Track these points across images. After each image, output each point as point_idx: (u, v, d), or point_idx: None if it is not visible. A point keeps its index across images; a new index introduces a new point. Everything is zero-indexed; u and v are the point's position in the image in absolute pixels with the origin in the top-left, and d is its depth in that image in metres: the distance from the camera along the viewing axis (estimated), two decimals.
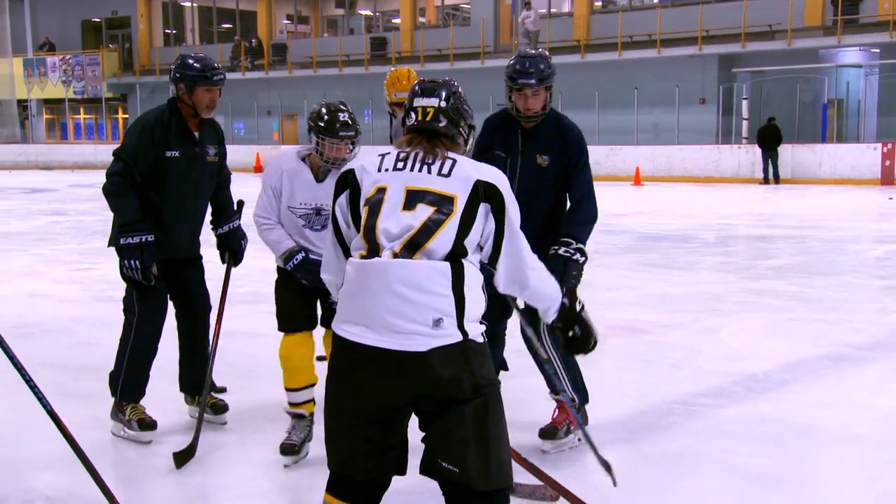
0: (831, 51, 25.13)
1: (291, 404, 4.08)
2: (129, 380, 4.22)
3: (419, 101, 2.64)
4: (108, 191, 4.09)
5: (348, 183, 2.60)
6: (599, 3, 30.50)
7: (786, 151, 22.85)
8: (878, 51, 24.84)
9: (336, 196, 2.63)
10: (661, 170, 24.33)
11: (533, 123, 3.98)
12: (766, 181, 22.69)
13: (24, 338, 6.04)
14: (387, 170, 2.57)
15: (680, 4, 27.61)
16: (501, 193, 2.51)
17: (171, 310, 4.41)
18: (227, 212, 4.51)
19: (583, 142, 4.05)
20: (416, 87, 2.68)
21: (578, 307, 2.77)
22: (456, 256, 2.45)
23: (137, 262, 4.00)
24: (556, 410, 4.15)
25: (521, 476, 3.41)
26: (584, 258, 3.80)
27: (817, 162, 22.92)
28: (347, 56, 33.19)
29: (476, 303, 2.48)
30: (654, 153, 24.91)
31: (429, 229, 2.44)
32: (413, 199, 2.49)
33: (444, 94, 2.64)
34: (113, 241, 4.15)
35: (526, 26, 28.69)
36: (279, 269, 4.11)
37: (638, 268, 9.62)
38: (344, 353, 2.48)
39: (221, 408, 4.45)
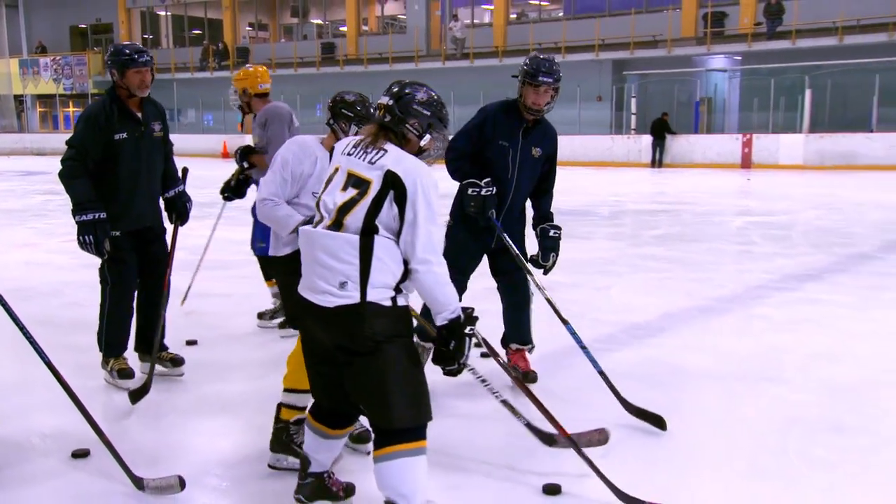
0: (702, 57, 25.49)
1: (296, 408, 3.17)
2: (110, 339, 4.17)
3: (379, 99, 2.64)
4: (62, 174, 3.97)
5: (331, 152, 2.74)
6: (514, 16, 30.44)
7: (667, 141, 23.21)
8: (739, 58, 25.25)
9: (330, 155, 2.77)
10: (564, 156, 24.17)
11: (536, 117, 3.94)
12: (653, 165, 23.04)
13: (23, 300, 5.83)
14: (343, 153, 2.60)
15: (581, 17, 27.71)
16: (405, 185, 2.45)
17: None
18: (173, 178, 4.36)
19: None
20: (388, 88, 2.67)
21: (468, 331, 2.52)
22: (369, 232, 2.44)
23: (91, 237, 3.87)
24: (522, 359, 4.18)
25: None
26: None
27: (691, 150, 23.28)
28: (301, 58, 32.71)
29: (383, 272, 2.44)
30: (559, 142, 24.93)
31: (347, 207, 2.48)
32: (349, 180, 2.52)
33: (393, 93, 2.61)
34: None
35: (454, 34, 28.61)
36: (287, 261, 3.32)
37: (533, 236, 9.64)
38: (298, 303, 2.58)
39: (179, 361, 4.37)
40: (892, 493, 3.03)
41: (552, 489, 2.94)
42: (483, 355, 4.59)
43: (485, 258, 4.18)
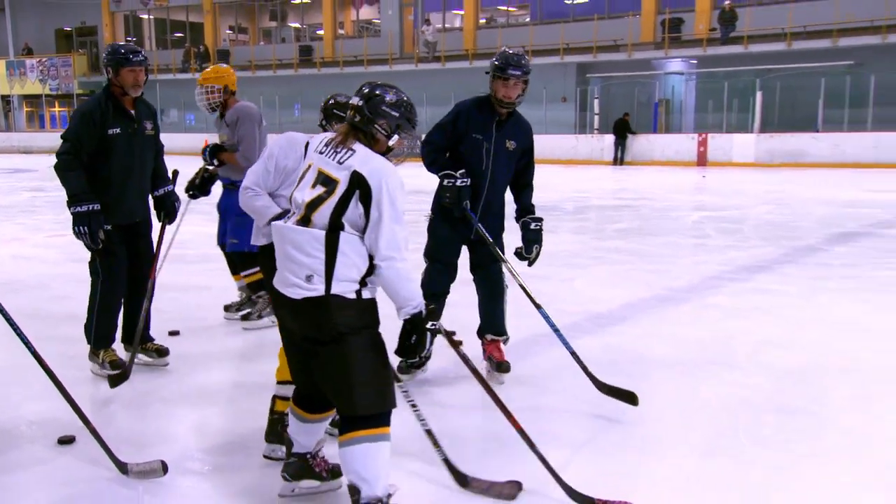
0: (661, 61, 25.61)
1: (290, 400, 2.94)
2: (99, 331, 4.11)
3: (351, 100, 2.63)
4: (57, 167, 3.93)
5: (305, 148, 2.70)
6: (484, 21, 30.40)
7: (628, 140, 23.36)
8: (695, 62, 25.42)
9: (305, 150, 2.70)
10: None
11: (508, 110, 3.90)
12: (615, 163, 23.17)
13: (11, 293, 5.82)
14: (316, 151, 2.59)
15: (547, 22, 27.76)
16: (370, 186, 2.43)
17: None
18: (162, 177, 4.34)
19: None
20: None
21: (429, 325, 2.54)
22: (335, 228, 2.45)
23: (86, 227, 3.84)
24: (497, 350, 4.16)
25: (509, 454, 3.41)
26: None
27: (651, 148, 23.43)
28: (280, 60, 32.44)
29: (348, 266, 2.44)
30: None
31: (315, 204, 2.48)
32: (318, 178, 2.51)
33: (364, 94, 2.59)
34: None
35: (426, 37, 28.52)
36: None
37: (514, 231, 9.68)
38: (273, 295, 2.60)
39: (164, 352, 4.33)
40: (833, 469, 3.08)
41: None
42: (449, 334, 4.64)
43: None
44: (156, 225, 4.32)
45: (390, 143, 2.58)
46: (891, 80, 20.78)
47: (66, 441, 3.26)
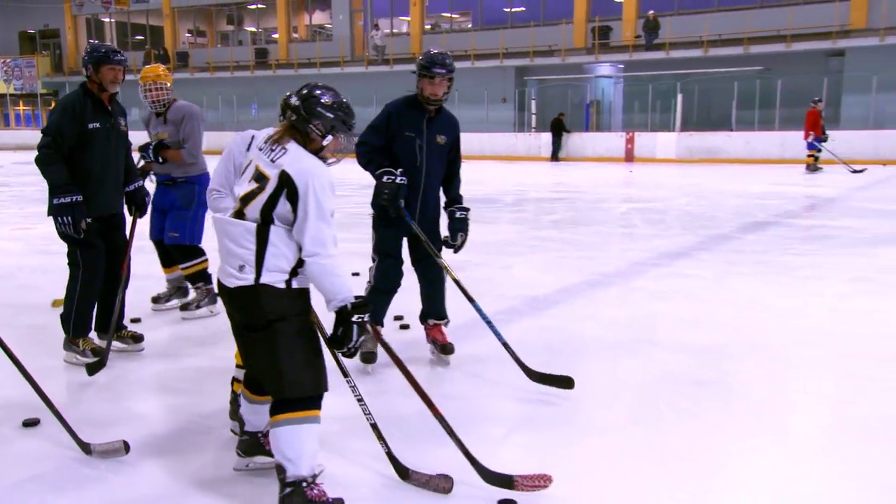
0: (591, 65, 25.87)
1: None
2: (78, 320, 3.99)
3: (290, 98, 2.56)
4: (39, 160, 3.81)
5: (249, 142, 2.61)
6: (429, 26, 30.30)
7: (563, 137, 23.55)
8: (622, 66, 25.75)
9: (249, 145, 2.60)
10: (473, 150, 24.44)
11: (436, 107, 3.83)
12: (552, 159, 23.36)
13: None
14: (257, 147, 2.54)
15: (487, 29, 27.76)
16: (296, 185, 2.38)
17: None
18: (132, 173, 4.24)
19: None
20: None
21: (356, 319, 2.44)
22: (266, 222, 2.42)
23: (69, 217, 3.73)
24: (439, 332, 4.13)
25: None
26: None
27: (583, 146, 23.68)
28: (237, 62, 31.84)
29: (278, 258, 2.41)
30: (468, 138, 24.95)
31: (248, 199, 2.45)
32: (254, 174, 2.48)
33: (302, 94, 2.53)
34: (50, 208, 3.84)
35: (375, 42, 28.32)
36: None
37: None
38: (217, 285, 2.56)
39: (139, 338, 4.25)
40: (742, 434, 3.16)
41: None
42: (402, 327, 4.63)
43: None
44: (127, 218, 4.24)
45: (324, 142, 2.52)
46: (795, 84, 21.39)
47: (31, 423, 3.16)
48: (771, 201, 11.80)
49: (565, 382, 3.56)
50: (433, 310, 4.16)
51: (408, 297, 4.29)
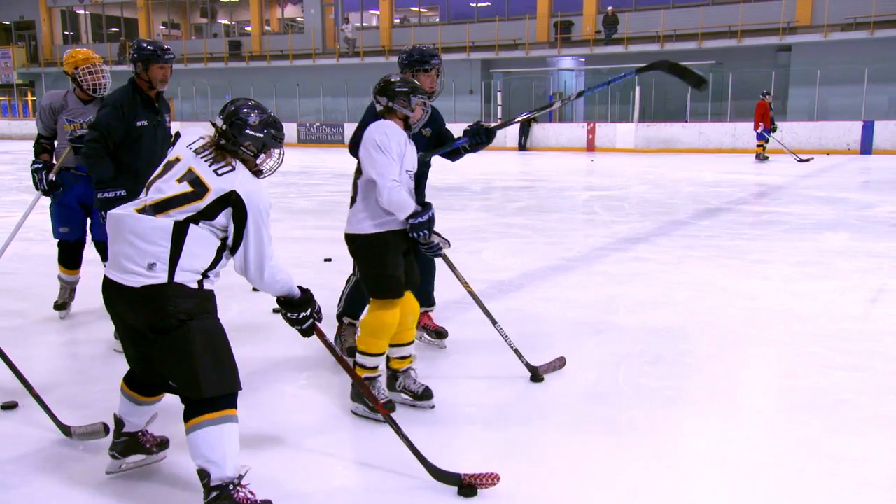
0: (554, 59, 25.94)
1: (366, 368, 3.07)
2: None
3: (216, 120, 2.44)
4: (86, 155, 3.75)
5: (178, 135, 2.51)
6: (398, 20, 30.08)
7: (531, 127, 23.61)
8: (583, 60, 25.84)
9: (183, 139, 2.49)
10: None
11: (433, 99, 3.66)
12: (519, 149, 23.41)
13: None
14: (190, 147, 2.41)
15: (454, 23, 27.66)
16: (245, 207, 2.30)
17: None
18: None
19: None
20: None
21: (293, 315, 2.46)
22: (187, 221, 2.28)
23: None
24: (429, 319, 4.07)
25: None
26: None
27: (547, 136, 23.75)
28: (210, 54, 31.30)
29: (193, 258, 2.28)
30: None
31: (176, 202, 2.29)
32: (187, 176, 2.33)
33: (226, 118, 2.41)
34: (95, 202, 3.75)
35: (346, 35, 28.03)
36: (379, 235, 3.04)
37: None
38: (104, 284, 2.36)
39: None
40: (698, 409, 3.21)
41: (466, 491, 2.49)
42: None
43: None
44: None
45: (257, 161, 2.44)
46: (746, 77, 21.67)
47: (10, 406, 3.11)
48: (723, 189, 11.95)
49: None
50: (423, 298, 4.05)
51: None
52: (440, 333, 4.04)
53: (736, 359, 3.88)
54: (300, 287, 2.50)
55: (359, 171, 3.07)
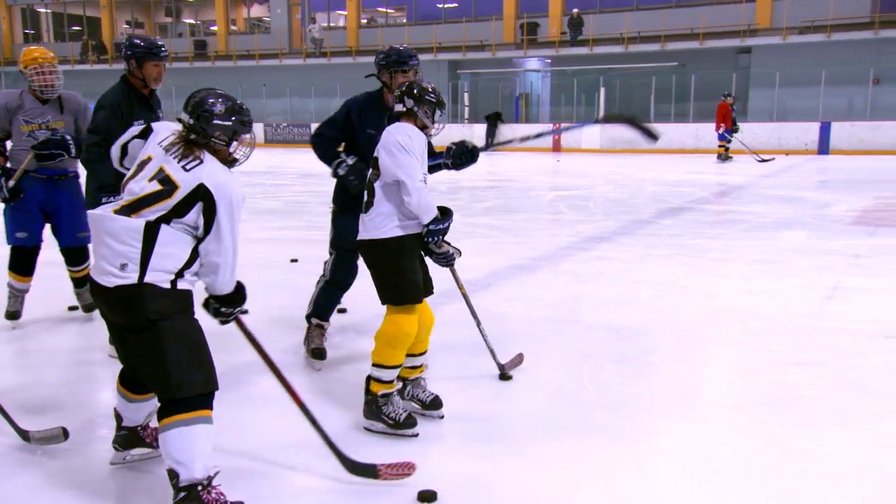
0: (521, 60, 26.07)
1: (383, 383, 2.92)
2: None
3: (181, 115, 2.40)
4: (86, 160, 3.63)
5: (147, 132, 2.48)
6: (365, 21, 29.99)
7: (497, 128, 23.65)
8: (549, 61, 26.02)
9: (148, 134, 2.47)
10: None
11: None
12: (485, 149, 23.44)
13: None
14: (160, 145, 2.38)
15: (421, 23, 27.67)
16: (215, 201, 2.27)
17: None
18: None
19: None
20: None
21: (220, 306, 2.42)
22: (159, 221, 2.25)
23: None
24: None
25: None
26: None
27: (514, 136, 23.84)
28: (176, 54, 30.70)
29: (165, 258, 2.24)
30: None
31: (148, 201, 2.27)
32: (158, 174, 2.31)
33: (191, 112, 2.37)
34: (92, 204, 3.58)
35: (313, 35, 27.84)
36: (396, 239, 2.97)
37: None
38: (90, 285, 2.36)
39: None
40: (659, 406, 3.25)
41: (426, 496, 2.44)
42: (339, 311, 4.58)
43: None
44: None
45: (230, 149, 2.41)
46: (708, 79, 22.00)
47: None
48: (685, 188, 12.13)
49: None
50: None
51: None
52: None
53: (698, 357, 3.94)
54: (238, 282, 2.46)
55: (376, 174, 2.96)
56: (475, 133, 23.88)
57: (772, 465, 2.69)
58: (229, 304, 2.44)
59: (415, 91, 3.01)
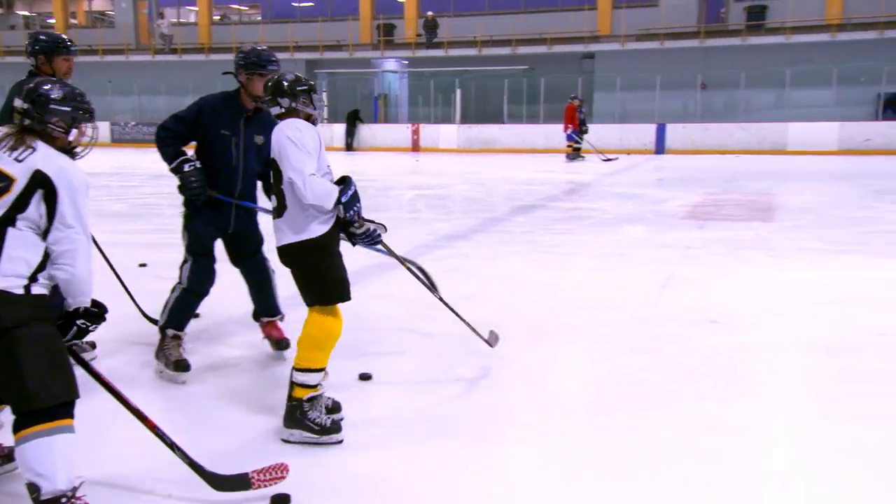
0: (378, 60, 26.10)
1: (308, 387, 2.80)
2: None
3: (15, 103, 2.25)
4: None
5: None
6: (217, 17, 28.89)
7: (357, 128, 23.55)
8: (406, 62, 26.22)
9: None
10: None
11: (259, 105, 3.47)
12: (347, 149, 23.27)
13: None
14: None
15: (277, 21, 27.11)
16: (54, 185, 2.16)
17: None
18: None
19: None
20: None
21: (81, 323, 2.30)
22: (4, 223, 2.13)
23: None
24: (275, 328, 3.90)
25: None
26: None
27: (374, 136, 23.82)
28: (8, 47, 28.22)
29: (15, 261, 2.13)
30: None
31: None
32: None
33: (27, 96, 2.24)
34: None
35: (161, 30, 26.53)
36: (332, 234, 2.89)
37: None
38: None
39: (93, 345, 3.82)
40: (509, 397, 3.35)
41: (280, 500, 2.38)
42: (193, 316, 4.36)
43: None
44: None
45: (70, 137, 2.28)
46: (556, 82, 23.00)
47: None
48: (537, 187, 12.60)
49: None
50: (264, 308, 3.91)
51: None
52: (280, 344, 3.86)
53: (547, 349, 4.09)
54: (94, 300, 2.32)
55: (279, 177, 2.81)
56: (334, 132, 23.67)
57: (607, 445, 2.85)
58: (96, 319, 2.30)
59: (285, 87, 2.92)
